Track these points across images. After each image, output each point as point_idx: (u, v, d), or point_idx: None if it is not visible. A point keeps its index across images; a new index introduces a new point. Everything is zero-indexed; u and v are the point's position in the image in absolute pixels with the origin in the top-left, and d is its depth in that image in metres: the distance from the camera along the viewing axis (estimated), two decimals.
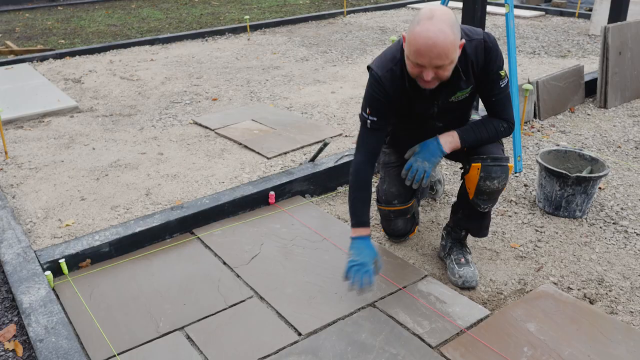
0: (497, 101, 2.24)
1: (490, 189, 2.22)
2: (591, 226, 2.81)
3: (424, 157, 2.21)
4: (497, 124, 2.26)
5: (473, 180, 2.24)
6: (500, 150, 2.27)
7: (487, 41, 2.12)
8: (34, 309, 2.14)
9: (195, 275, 2.44)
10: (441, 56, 1.90)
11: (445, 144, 2.22)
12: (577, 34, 6.85)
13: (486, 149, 2.25)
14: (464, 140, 2.23)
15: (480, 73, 2.15)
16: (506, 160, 2.23)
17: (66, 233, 2.76)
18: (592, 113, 4.33)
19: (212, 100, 4.70)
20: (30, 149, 3.77)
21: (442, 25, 1.89)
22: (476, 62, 2.12)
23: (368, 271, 2.11)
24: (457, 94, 2.19)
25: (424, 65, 1.94)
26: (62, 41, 7.07)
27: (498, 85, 2.20)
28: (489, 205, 2.29)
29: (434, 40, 1.88)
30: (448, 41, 1.89)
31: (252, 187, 3.01)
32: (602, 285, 2.37)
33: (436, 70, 1.96)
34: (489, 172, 2.20)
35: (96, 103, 4.70)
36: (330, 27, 7.61)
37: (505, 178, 2.22)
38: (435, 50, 1.89)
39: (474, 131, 2.24)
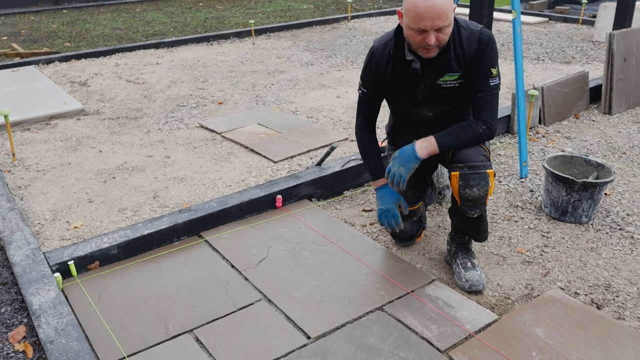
0: (483, 98, 2.25)
1: (471, 197, 2.22)
2: (597, 232, 2.82)
3: (400, 163, 2.27)
4: (475, 126, 2.26)
5: (454, 188, 2.26)
6: (480, 156, 2.23)
7: (482, 33, 2.20)
8: (44, 311, 2.15)
9: (203, 278, 2.45)
10: (441, 16, 2.03)
11: (420, 150, 2.24)
12: (581, 40, 6.87)
13: (465, 155, 2.23)
14: (441, 144, 2.24)
15: (470, 63, 2.21)
16: (485, 167, 2.20)
17: (74, 235, 2.77)
18: (597, 119, 4.34)
19: (218, 103, 4.72)
20: (37, 151, 3.79)
21: None
22: (468, 50, 2.19)
23: (395, 214, 2.42)
24: (446, 77, 2.24)
25: (426, 28, 2.06)
26: (68, 44, 7.10)
27: (487, 81, 2.23)
28: (476, 210, 2.27)
29: (431, 3, 2.01)
30: (445, 1, 2.02)
31: (260, 191, 3.02)
32: (609, 291, 2.38)
33: (437, 34, 2.08)
34: (466, 181, 2.20)
35: (102, 106, 4.72)
36: (334, 31, 7.64)
37: (485, 185, 2.20)
38: (435, 10, 2.01)
39: (451, 135, 2.25)
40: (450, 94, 2.29)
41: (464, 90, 2.29)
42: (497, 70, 2.25)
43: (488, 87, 2.23)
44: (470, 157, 2.23)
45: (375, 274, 2.45)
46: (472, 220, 2.37)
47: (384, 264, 2.53)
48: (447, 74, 2.23)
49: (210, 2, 10.46)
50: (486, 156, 2.28)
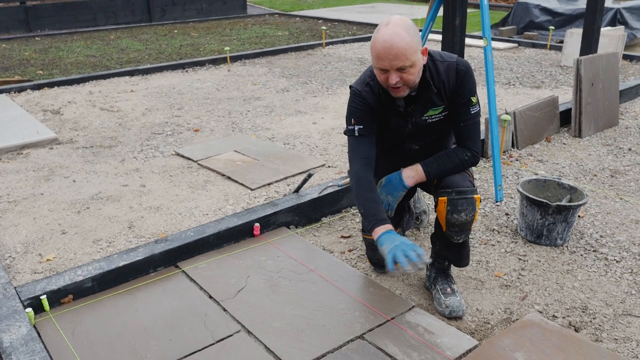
0: (465, 127, 2.30)
1: (459, 222, 2.25)
2: (572, 254, 2.86)
3: (387, 191, 2.26)
4: (461, 153, 2.30)
5: (441, 214, 2.28)
6: (467, 182, 2.28)
7: (459, 64, 2.23)
8: (15, 348, 2.08)
9: (181, 310, 2.41)
10: (399, 57, 2.03)
11: (408, 178, 2.27)
12: (550, 65, 7.06)
13: (452, 181, 2.27)
14: (428, 172, 2.27)
15: (451, 95, 2.24)
16: (472, 192, 2.25)
17: (47, 268, 2.70)
18: (568, 142, 4.44)
19: (193, 131, 4.70)
20: (8, 182, 3.71)
21: (397, 28, 2.04)
22: (447, 82, 2.22)
23: (412, 246, 1.99)
24: (430, 112, 2.26)
25: (386, 68, 2.07)
26: (40, 72, 7.03)
27: (468, 110, 2.27)
28: (462, 236, 2.31)
29: (390, 42, 2.02)
30: (404, 42, 2.02)
31: (237, 219, 3.00)
32: (586, 313, 2.40)
33: (400, 74, 2.07)
34: (455, 206, 2.23)
35: (76, 134, 4.66)
36: (309, 58, 7.71)
37: (472, 210, 2.24)
38: (392, 51, 2.02)
39: (437, 163, 2.28)
40: (435, 127, 2.33)
41: (447, 120, 2.33)
42: (477, 98, 2.29)
43: (470, 115, 2.27)
44: (457, 183, 2.26)
45: (355, 301, 2.44)
46: (456, 246, 2.39)
47: (364, 291, 2.52)
48: (430, 109, 2.26)
49: (185, 30, 10.50)
50: (472, 182, 2.32)
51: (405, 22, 2.07)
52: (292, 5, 14.33)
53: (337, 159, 4.00)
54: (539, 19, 9.28)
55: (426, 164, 2.28)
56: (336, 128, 4.70)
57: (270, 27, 10.62)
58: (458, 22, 3.42)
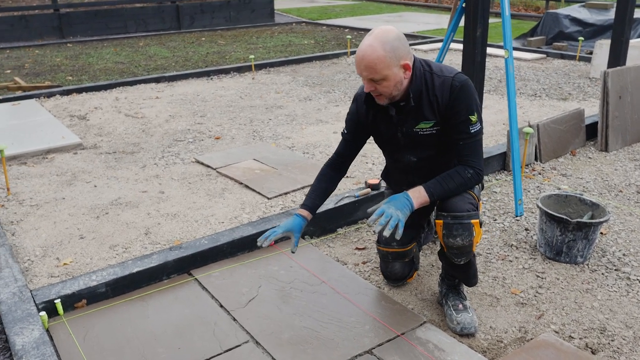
0: (465, 146, 2.23)
1: (455, 245, 2.20)
2: (593, 272, 2.78)
3: (397, 207, 2.13)
4: (462, 171, 2.23)
5: (439, 236, 2.26)
6: (466, 205, 2.20)
7: (454, 80, 2.16)
8: (27, 351, 2.12)
9: (191, 318, 2.41)
10: (368, 69, 2.07)
11: (414, 199, 2.18)
12: (578, 76, 6.93)
13: (451, 204, 2.21)
14: (431, 194, 2.20)
15: (445, 111, 2.18)
16: (469, 217, 2.17)
17: (63, 272, 2.74)
18: (594, 156, 4.34)
19: (215, 138, 4.74)
20: (32, 186, 3.79)
21: (374, 41, 2.05)
22: (441, 97, 2.18)
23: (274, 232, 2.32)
24: (421, 125, 2.25)
25: (361, 75, 2.12)
26: (70, 78, 7.19)
27: (467, 129, 2.19)
28: (462, 258, 2.26)
29: (362, 53, 2.06)
30: (374, 56, 2.04)
31: (252, 228, 3.00)
32: (605, 335, 2.33)
33: (374, 84, 2.12)
34: (450, 230, 2.19)
35: (100, 140, 4.74)
36: (334, 67, 7.72)
37: (468, 235, 2.17)
38: (363, 62, 2.07)
39: (440, 184, 2.21)
40: (428, 140, 2.29)
41: (443, 136, 2.27)
42: (477, 116, 2.20)
43: (468, 134, 2.20)
44: (455, 206, 2.19)
45: (365, 315, 2.41)
46: (460, 267, 2.35)
47: (375, 304, 2.49)
48: (422, 122, 2.24)
49: (213, 37, 10.63)
50: (473, 204, 2.24)
51: (386, 36, 2.04)
52: (319, 14, 14.39)
53: (356, 169, 3.98)
54: (569, 29, 9.13)
55: (428, 185, 2.21)
56: None
57: (296, 36, 10.68)
58: (479, 34, 3.38)
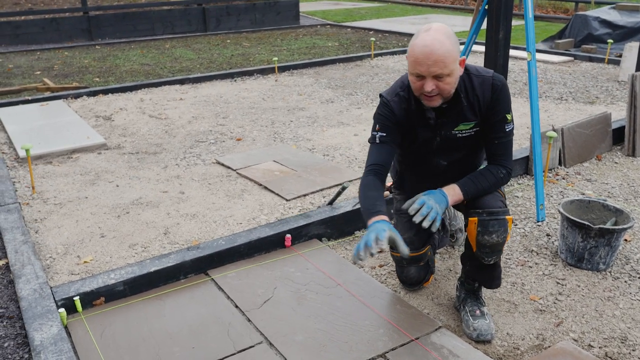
0: (500, 145, 2.24)
1: (489, 243, 2.18)
2: (615, 280, 2.72)
3: (436, 200, 2.12)
4: (495, 172, 2.24)
5: (472, 234, 2.22)
6: (498, 202, 2.22)
7: (495, 79, 2.16)
8: (45, 347, 2.16)
9: (206, 318, 2.43)
10: (438, 63, 1.98)
11: (449, 196, 2.18)
12: (606, 80, 6.79)
13: (484, 201, 2.21)
14: (465, 192, 2.20)
15: (486, 111, 2.17)
16: (504, 213, 2.18)
17: (84, 270, 2.79)
18: (620, 161, 4.24)
19: (236, 140, 4.77)
20: (56, 185, 3.87)
21: (438, 35, 2.00)
22: (482, 97, 2.16)
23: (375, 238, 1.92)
24: (461, 126, 2.20)
25: (423, 74, 2.02)
26: (97, 79, 7.32)
27: (503, 128, 2.21)
28: (493, 257, 2.24)
29: (430, 47, 1.97)
30: (444, 49, 1.98)
31: (269, 229, 3.01)
32: (625, 344, 2.27)
33: (436, 82, 2.03)
34: (485, 227, 2.17)
35: (124, 140, 4.81)
36: (357, 69, 7.71)
37: (504, 232, 2.18)
38: (432, 57, 1.98)
39: (474, 182, 2.22)
40: (465, 142, 2.27)
41: (479, 137, 2.27)
42: (511, 115, 2.23)
43: (504, 133, 2.22)
44: (489, 203, 2.20)
45: (380, 319, 2.40)
46: (487, 267, 2.33)
47: (390, 308, 2.48)
48: (462, 124, 2.21)
49: (238, 39, 10.71)
50: (504, 202, 2.26)
51: (446, 30, 2.03)
52: (344, 16, 14.39)
53: None
54: (598, 31, 8.94)
55: (463, 184, 2.21)
56: None
57: (320, 38, 10.69)
58: (502, 36, 3.33)
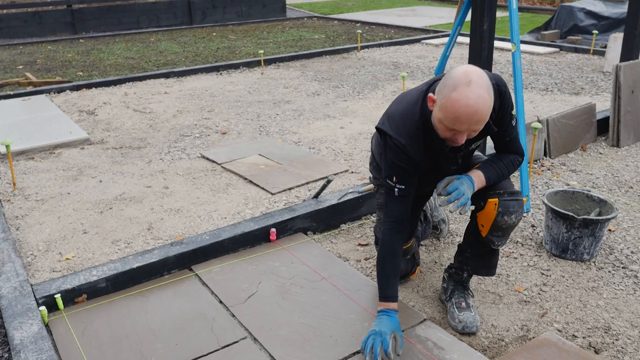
0: (511, 140, 2.27)
1: (507, 224, 2.21)
2: (599, 270, 2.73)
3: (468, 185, 2.11)
4: (512, 158, 2.29)
5: (489, 216, 2.20)
6: (512, 185, 2.28)
7: (499, 85, 2.11)
8: (25, 346, 2.12)
9: (190, 314, 2.40)
10: (480, 122, 1.90)
11: (475, 183, 2.17)
12: (592, 71, 6.81)
13: (500, 184, 2.25)
14: (488, 178, 2.21)
15: (496, 117, 2.14)
16: (520, 195, 2.24)
17: (65, 267, 2.75)
18: (605, 152, 4.26)
19: (221, 134, 4.73)
20: (38, 181, 3.81)
21: (481, 91, 1.86)
22: (494, 108, 2.11)
23: (384, 340, 2.03)
24: (478, 142, 2.23)
25: (461, 131, 1.92)
26: (81, 73, 7.23)
27: (511, 126, 2.23)
28: (503, 241, 2.27)
29: (475, 107, 1.85)
30: (487, 106, 1.88)
31: (254, 224, 2.98)
32: (609, 334, 2.28)
33: (471, 133, 1.95)
34: (506, 207, 2.18)
35: (107, 135, 4.76)
36: (343, 61, 7.68)
37: (521, 212, 2.23)
38: (475, 117, 1.87)
39: (494, 169, 2.24)
40: (477, 149, 2.31)
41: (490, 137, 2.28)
42: (514, 108, 2.24)
43: (513, 129, 2.24)
44: (507, 185, 2.25)
45: (365, 312, 2.39)
46: (488, 254, 2.34)
47: (376, 302, 2.45)
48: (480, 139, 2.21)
49: (224, 32, 10.63)
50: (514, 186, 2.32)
51: (485, 79, 1.90)
52: (331, 8, 14.33)
53: (361, 165, 3.95)
54: (584, 22, 8.97)
55: (485, 170, 2.21)
56: (363, 133, 4.65)
57: (307, 31, 10.63)
58: (486, 27, 3.32)
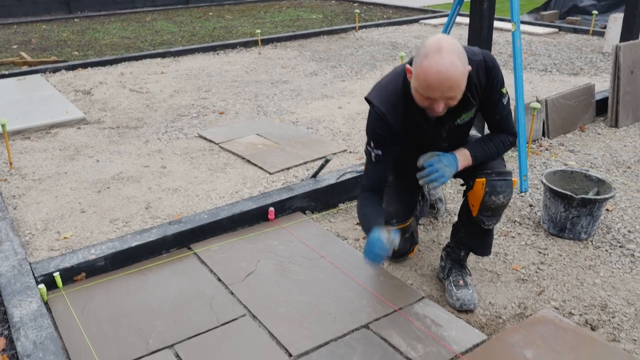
0: (502, 119, 2.26)
1: (495, 204, 2.20)
2: (596, 249, 2.74)
3: (447, 162, 2.13)
4: (503, 138, 2.27)
5: (478, 195, 2.21)
6: (503, 165, 2.27)
7: (486, 61, 2.12)
8: (24, 323, 2.13)
9: (189, 292, 2.41)
10: (453, 88, 1.89)
11: (460, 162, 2.19)
12: (591, 51, 6.78)
13: (489, 164, 2.24)
14: (475, 157, 2.22)
15: (483, 93, 2.15)
16: (510, 175, 2.23)
17: (64, 246, 2.75)
18: (603, 132, 4.26)
19: (219, 113, 4.71)
20: (35, 160, 3.79)
21: (452, 57, 1.86)
22: (479, 83, 2.12)
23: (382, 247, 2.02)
24: (463, 116, 2.19)
25: (435, 98, 1.91)
26: (76, 53, 7.16)
27: (501, 103, 2.21)
28: (493, 221, 2.27)
29: (446, 74, 1.85)
30: (459, 72, 1.88)
31: (252, 203, 2.98)
32: (605, 311, 2.30)
33: (447, 101, 1.94)
34: (494, 187, 2.18)
35: (104, 115, 4.72)
36: (341, 42, 7.62)
37: (510, 193, 2.22)
38: (447, 83, 1.87)
39: (482, 148, 2.24)
40: (467, 125, 2.27)
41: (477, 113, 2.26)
42: (505, 87, 2.22)
43: (503, 107, 2.22)
44: (495, 165, 2.24)
45: (363, 290, 2.40)
46: (483, 233, 2.35)
47: (374, 280, 2.48)
48: (464, 113, 2.18)
49: (220, 12, 10.52)
50: (505, 165, 2.31)
51: (457, 48, 1.91)
52: None
53: (359, 145, 3.94)
54: (583, 3, 8.91)
55: (472, 148, 2.21)
56: (361, 113, 4.63)
57: (304, 10, 10.53)
58: (486, 6, 3.29)
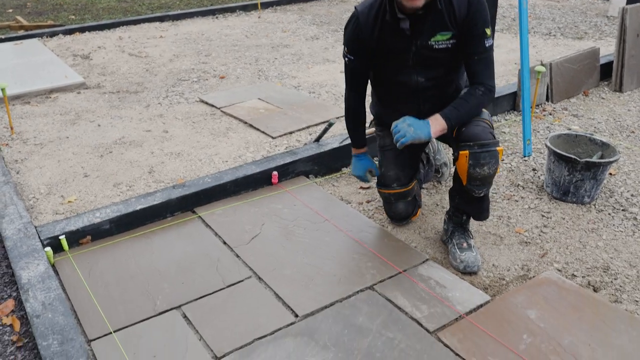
0: (480, 60, 2.19)
1: (480, 175, 2.18)
2: (599, 212, 2.75)
3: (411, 123, 2.16)
4: (474, 90, 2.21)
5: (463, 167, 2.20)
6: (488, 134, 2.20)
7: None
8: (32, 285, 2.15)
9: (194, 255, 2.43)
10: None
11: (432, 126, 2.17)
12: (595, 15, 6.68)
13: (474, 134, 2.18)
14: (447, 118, 2.18)
15: (462, 24, 2.13)
16: (494, 145, 2.17)
17: (68, 209, 2.75)
18: (607, 97, 4.22)
19: (219, 78, 4.66)
20: (36, 125, 3.77)
21: None
22: (458, 9, 2.12)
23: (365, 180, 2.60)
24: (438, 37, 2.16)
25: None
26: (73, 17, 7.04)
27: (482, 43, 2.17)
28: (483, 189, 2.24)
29: None
30: None
31: (255, 167, 2.98)
32: (608, 273, 2.32)
33: None
34: (477, 159, 2.15)
35: (103, 80, 4.67)
36: (342, 5, 7.49)
37: (495, 163, 2.17)
38: None
39: (455, 108, 2.20)
40: (442, 56, 2.21)
41: (457, 53, 2.21)
42: (490, 30, 2.19)
43: (484, 48, 2.17)
44: (479, 135, 2.17)
45: (368, 252, 2.41)
46: (476, 200, 2.33)
47: (378, 242, 2.49)
48: (439, 33, 2.15)
49: None
50: (493, 134, 2.24)
51: None
52: None
53: None
54: None
55: (443, 112, 2.19)
56: None
57: None
58: None
